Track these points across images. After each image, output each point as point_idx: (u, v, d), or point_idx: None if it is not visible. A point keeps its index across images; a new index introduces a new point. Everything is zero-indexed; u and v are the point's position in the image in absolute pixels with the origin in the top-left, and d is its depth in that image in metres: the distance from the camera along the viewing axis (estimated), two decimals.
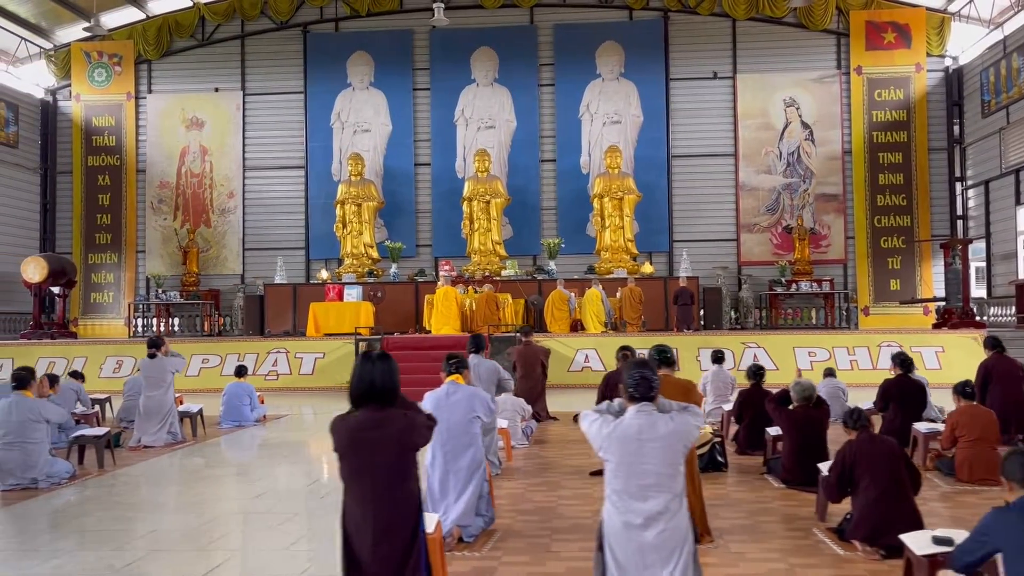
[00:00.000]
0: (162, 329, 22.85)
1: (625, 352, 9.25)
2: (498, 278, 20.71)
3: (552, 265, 21.84)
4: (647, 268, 21.74)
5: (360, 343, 16.50)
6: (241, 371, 12.17)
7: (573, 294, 19.00)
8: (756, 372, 8.70)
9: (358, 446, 3.72)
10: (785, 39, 23.58)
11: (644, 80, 23.81)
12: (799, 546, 5.33)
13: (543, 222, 23.94)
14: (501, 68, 24.22)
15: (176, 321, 23.67)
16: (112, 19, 24.73)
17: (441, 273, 21.83)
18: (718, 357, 11.06)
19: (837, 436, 6.33)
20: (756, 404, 8.24)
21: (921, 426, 8.11)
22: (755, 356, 16.57)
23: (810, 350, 16.59)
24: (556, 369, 16.70)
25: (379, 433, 3.74)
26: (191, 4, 24.43)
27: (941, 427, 7.75)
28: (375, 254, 22.91)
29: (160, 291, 23.46)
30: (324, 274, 22.52)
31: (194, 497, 7.05)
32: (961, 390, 7.48)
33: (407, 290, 21.53)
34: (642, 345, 16.77)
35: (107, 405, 12.71)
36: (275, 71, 24.79)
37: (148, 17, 24.75)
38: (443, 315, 18.13)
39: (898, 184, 22.93)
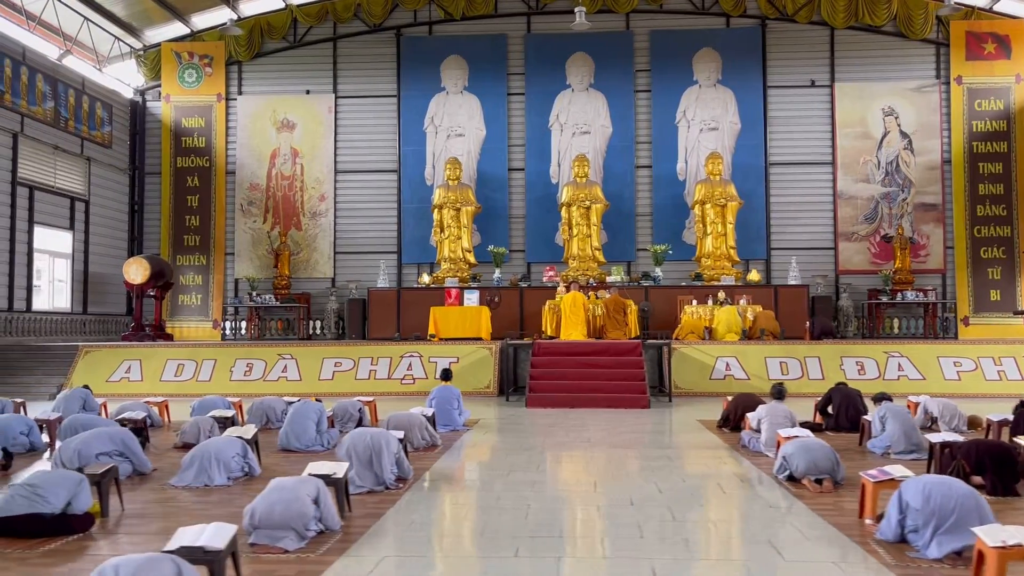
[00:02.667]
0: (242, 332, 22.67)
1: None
2: (614, 284, 20.58)
3: (658, 272, 21.75)
4: (754, 276, 21.65)
5: (508, 347, 16.34)
6: (447, 375, 11.99)
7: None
8: None
9: None
10: (884, 48, 23.60)
11: (741, 87, 23.78)
12: None
13: (638, 228, 23.86)
14: (597, 73, 24.16)
15: (268, 324, 23.44)
16: (204, 20, 24.59)
17: (547, 278, 21.76)
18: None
19: None
20: None
21: None
22: (899, 366, 16.53)
23: (955, 360, 16.55)
24: (696, 377, 16.67)
25: None
26: (283, 6, 24.27)
27: None
28: (472, 259, 22.73)
29: (254, 294, 23.24)
30: (426, 278, 22.36)
31: (590, 499, 6.90)
32: None
33: (512, 295, 21.42)
34: (784, 354, 16.81)
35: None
36: (368, 74, 24.64)
37: (240, 18, 24.51)
38: (572, 321, 17.98)
39: (998, 194, 22.96)
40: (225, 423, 10.32)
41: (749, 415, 9.96)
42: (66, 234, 21.88)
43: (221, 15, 24.44)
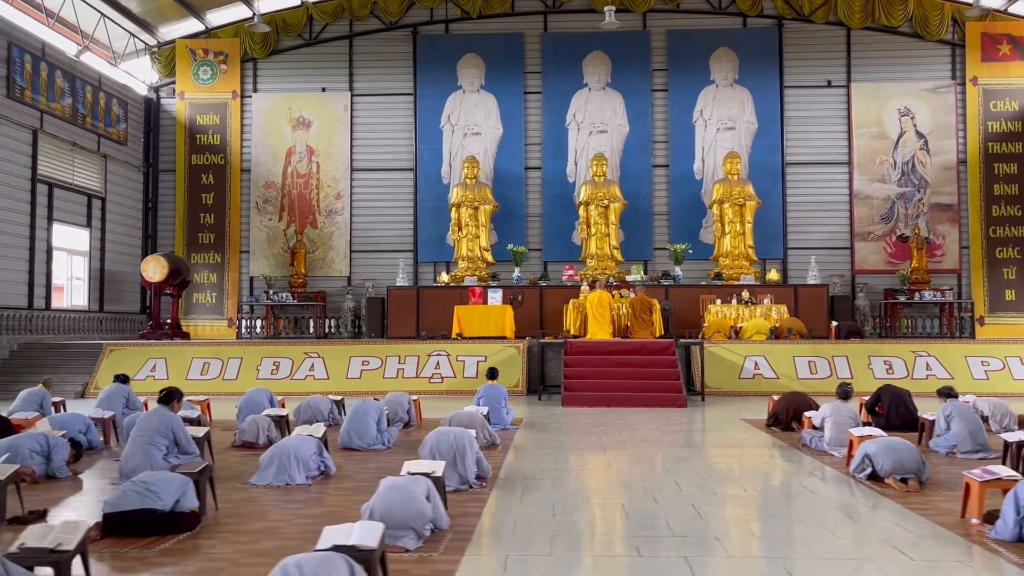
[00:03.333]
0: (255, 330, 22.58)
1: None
2: (635, 283, 20.58)
3: (678, 271, 21.78)
4: (773, 275, 21.71)
5: (536, 346, 16.33)
6: (493, 373, 11.95)
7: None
8: None
9: None
10: (900, 49, 23.71)
11: (758, 87, 23.84)
12: None
13: (655, 227, 23.88)
14: (614, 73, 24.17)
15: (281, 323, 23.28)
16: (219, 17, 24.45)
17: (567, 277, 21.75)
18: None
19: None
20: None
21: None
22: (927, 365, 16.61)
23: (982, 359, 16.64)
24: (725, 376, 16.70)
25: None
26: (299, 3, 24.15)
27: None
28: (490, 257, 22.70)
29: (272, 292, 23.11)
30: (444, 277, 22.32)
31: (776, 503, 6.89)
32: None
33: (532, 294, 21.39)
34: (812, 354, 16.86)
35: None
36: (384, 72, 24.57)
37: (255, 15, 24.39)
38: (598, 320, 17.97)
39: (1013, 195, 23.11)
40: (280, 422, 10.27)
41: (809, 414, 9.98)
42: (83, 231, 21.71)
43: (236, 12, 24.35)
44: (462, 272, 22.14)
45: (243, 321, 23.86)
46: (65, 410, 12.30)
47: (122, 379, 12.21)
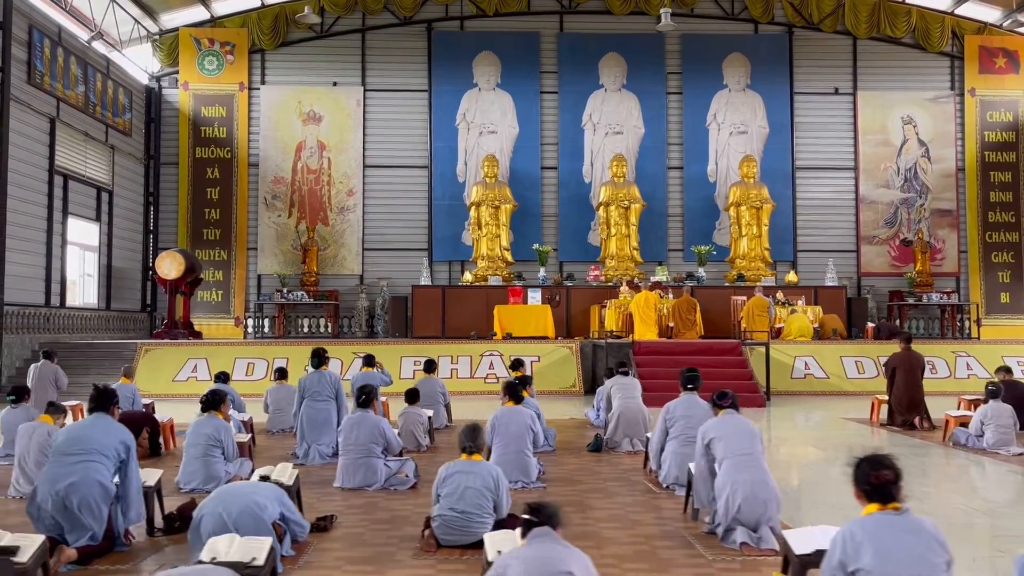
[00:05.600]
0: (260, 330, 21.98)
1: None
2: (664, 283, 20.76)
3: (702, 272, 22.05)
4: (792, 277, 22.19)
5: (587, 346, 16.31)
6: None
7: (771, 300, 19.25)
8: None
9: None
10: (903, 59, 24.53)
11: (769, 92, 24.34)
12: None
13: (669, 229, 24.12)
14: (629, 74, 24.34)
15: (290, 322, 22.64)
16: (224, 6, 23.67)
17: (592, 277, 21.78)
18: None
19: None
20: None
21: None
22: (967, 365, 17.24)
23: (1019, 359, 17.35)
24: (777, 377, 16.95)
25: None
26: None
27: None
28: (510, 257, 22.57)
29: (285, 290, 22.47)
30: (468, 276, 22.10)
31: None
32: None
33: (559, 294, 21.35)
34: (858, 354, 17.28)
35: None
36: (398, 67, 24.18)
37: (264, 5, 23.75)
38: (645, 321, 18.06)
39: (1008, 202, 24.19)
40: (428, 421, 10.01)
41: (954, 414, 10.23)
42: (93, 226, 20.73)
43: (244, 1, 23.59)
44: (483, 271, 21.95)
45: (249, 320, 23.15)
46: (154, 410, 11.73)
47: (223, 378, 11.68)
